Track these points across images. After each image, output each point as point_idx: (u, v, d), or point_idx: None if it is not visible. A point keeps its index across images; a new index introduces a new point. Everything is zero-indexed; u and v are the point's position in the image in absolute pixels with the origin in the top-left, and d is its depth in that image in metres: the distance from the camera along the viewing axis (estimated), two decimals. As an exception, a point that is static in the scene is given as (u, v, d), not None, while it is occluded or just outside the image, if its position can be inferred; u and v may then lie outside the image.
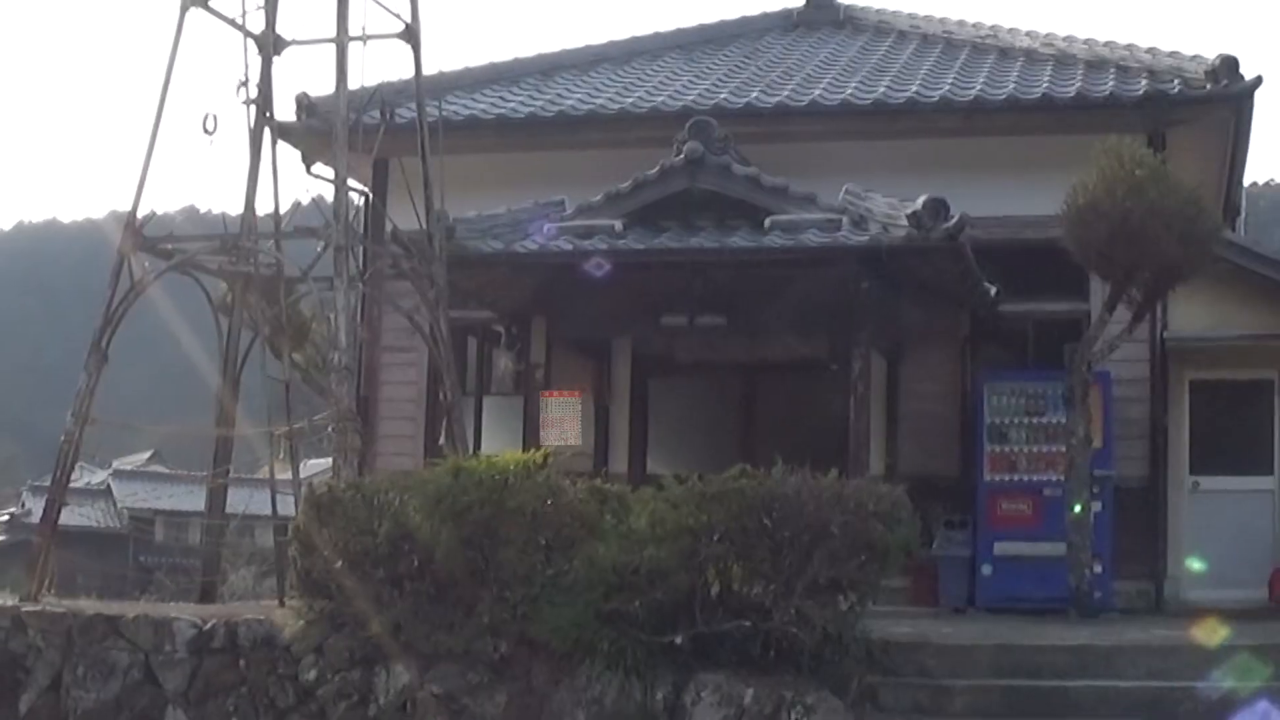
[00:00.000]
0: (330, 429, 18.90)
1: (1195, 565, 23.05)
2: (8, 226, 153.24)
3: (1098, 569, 20.88)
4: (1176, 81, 23.86)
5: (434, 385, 23.32)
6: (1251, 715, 14.29)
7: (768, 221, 20.47)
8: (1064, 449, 21.12)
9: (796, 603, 14.56)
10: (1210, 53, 23.86)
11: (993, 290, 21.77)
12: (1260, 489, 23.78)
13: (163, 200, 20.45)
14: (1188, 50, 24.69)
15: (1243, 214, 31.78)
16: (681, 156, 21.22)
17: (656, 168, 21.43)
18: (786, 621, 14.56)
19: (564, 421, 23.04)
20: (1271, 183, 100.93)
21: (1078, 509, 20.26)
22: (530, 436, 21.43)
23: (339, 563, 15.71)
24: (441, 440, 21.86)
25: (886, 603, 17.08)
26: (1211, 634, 17.15)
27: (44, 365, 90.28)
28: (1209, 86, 23.37)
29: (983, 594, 22.09)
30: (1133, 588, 22.36)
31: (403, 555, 15.44)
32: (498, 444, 22.24)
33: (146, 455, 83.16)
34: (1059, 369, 21.62)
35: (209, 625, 16.57)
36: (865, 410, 20.69)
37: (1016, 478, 22.62)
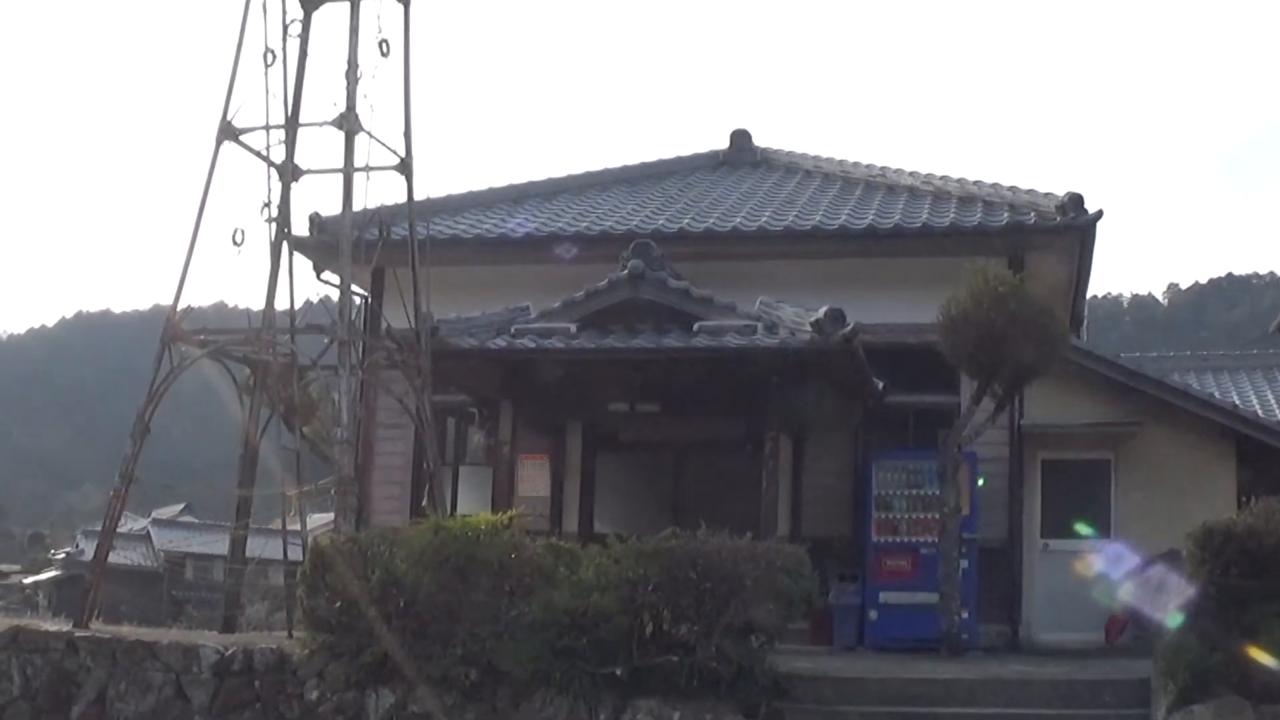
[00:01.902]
0: (333, 491, 18.93)
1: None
2: (69, 314, 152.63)
3: (965, 615, 20.90)
4: (1033, 214, 24.05)
5: (419, 456, 23.22)
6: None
7: (696, 326, 20.54)
8: (938, 516, 21.16)
9: (716, 641, 14.71)
10: (1060, 189, 24.15)
11: (880, 385, 21.86)
12: (1099, 550, 23.86)
13: (198, 295, 20.60)
14: (1042, 187, 24.89)
15: (1085, 322, 31.93)
16: (626, 272, 21.33)
17: (605, 280, 21.52)
18: (708, 657, 14.68)
19: (535, 478, 23.39)
20: (1109, 295, 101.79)
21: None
22: (499, 500, 21.30)
23: (338, 603, 15.72)
24: (425, 502, 21.79)
25: (790, 642, 17.13)
26: (1057, 670, 17.20)
27: (97, 432, 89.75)
28: (1059, 219, 23.59)
29: (870, 635, 22.04)
30: (994, 630, 22.31)
31: (391, 597, 15.43)
32: (471, 506, 22.14)
33: (180, 507, 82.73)
34: (934, 449, 21.75)
35: (230, 651, 16.73)
36: (775, 483, 20.72)
37: (899, 539, 22.57)
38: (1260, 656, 14.21)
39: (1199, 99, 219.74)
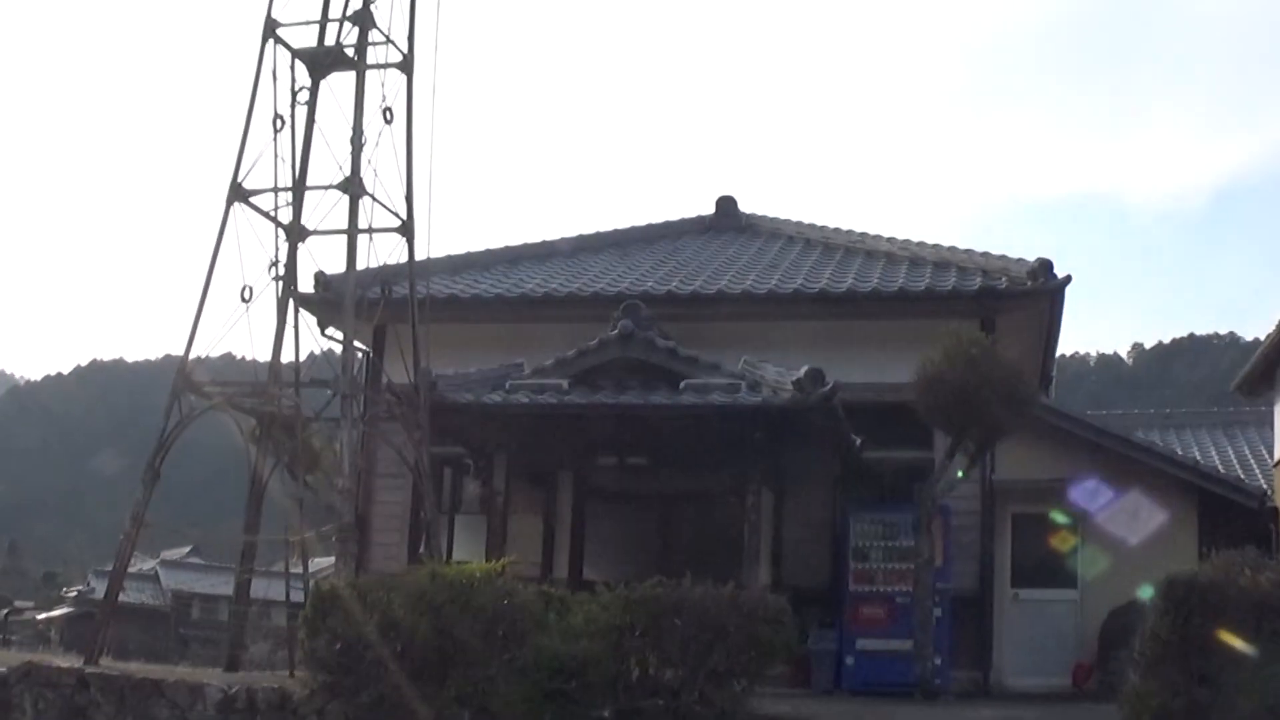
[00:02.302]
0: (334, 538, 18.90)
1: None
2: (84, 362, 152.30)
3: (938, 661, 20.85)
4: (1004, 279, 24.08)
5: (417, 505, 23.21)
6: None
7: (683, 384, 20.58)
8: (913, 567, 21.15)
9: (700, 686, 14.69)
10: (1031, 255, 24.18)
11: (858, 441, 21.83)
12: (1066, 599, 24.00)
13: (207, 346, 20.55)
14: (1014, 253, 24.95)
15: (1054, 380, 31.97)
16: (616, 331, 21.39)
17: (596, 340, 21.55)
18: (692, 701, 14.66)
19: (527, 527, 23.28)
20: (1076, 354, 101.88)
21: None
22: (493, 548, 21.27)
23: (338, 644, 15.63)
24: (422, 549, 21.81)
25: (770, 686, 16.98)
26: (1027, 714, 17.17)
27: (109, 476, 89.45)
28: (1029, 283, 23.61)
29: (847, 680, 21.98)
30: (966, 676, 22.26)
31: (388, 640, 15.34)
32: (466, 553, 22.08)
33: (187, 549, 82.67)
34: (909, 503, 21.69)
35: (233, 690, 16.66)
36: (756, 534, 20.69)
37: (875, 589, 22.57)
38: (1221, 703, 14.20)
39: (1158, 170, 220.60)
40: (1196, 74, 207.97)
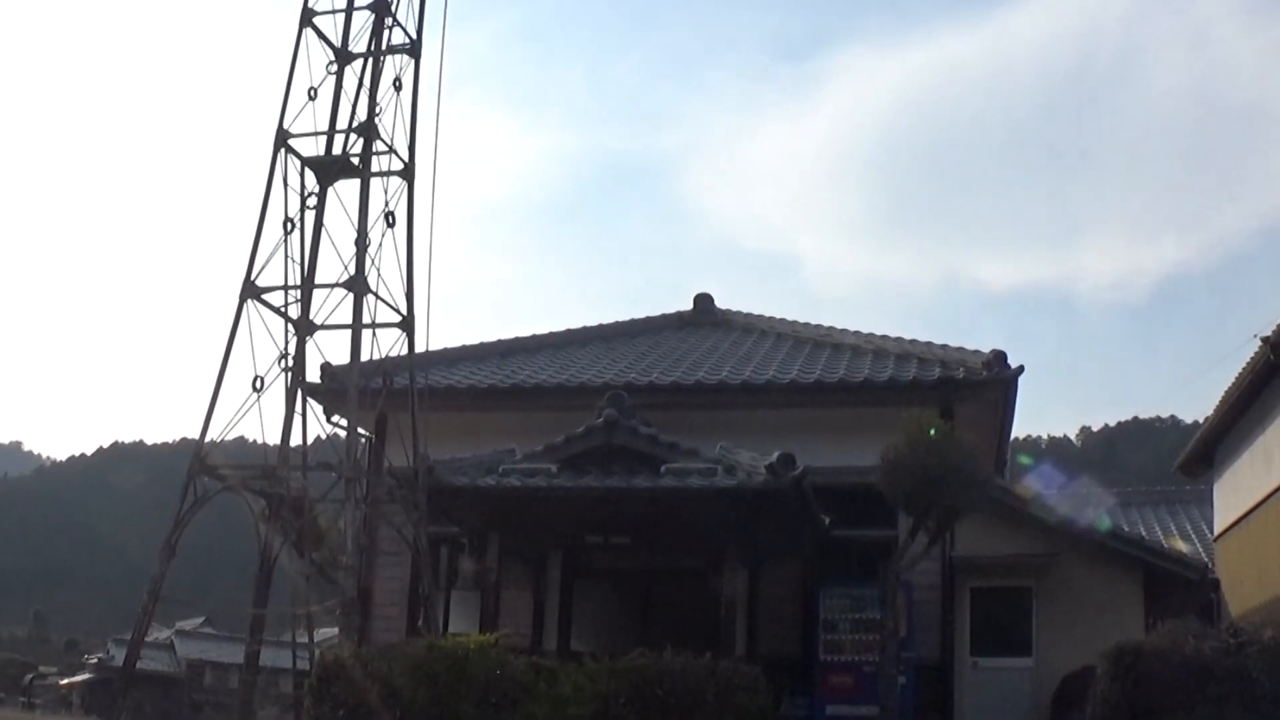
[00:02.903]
0: (338, 611, 18.86)
1: None
2: (106, 444, 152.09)
3: (903, 726, 20.78)
4: (961, 369, 24.11)
5: (415, 581, 23.08)
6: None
7: (663, 468, 20.49)
8: (879, 638, 21.05)
9: (681, 751, 14.56)
10: (986, 346, 24.35)
11: (827, 520, 21.78)
12: (1022, 666, 23.86)
13: (221, 431, 20.63)
14: (970, 344, 25.12)
15: (1008, 463, 32.00)
16: (601, 420, 21.31)
17: (583, 427, 21.44)
18: (674, 764, 14.54)
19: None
20: (1029, 437, 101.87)
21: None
22: (486, 622, 21.14)
23: (341, 710, 15.58)
24: (420, 623, 21.74)
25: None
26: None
27: (128, 550, 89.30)
28: (985, 373, 23.69)
29: (818, 744, 21.94)
30: (929, 740, 22.20)
31: (389, 707, 15.34)
32: (462, 627, 21.96)
33: (201, 620, 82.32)
34: (875, 578, 21.61)
35: (244, 752, 16.52)
36: (733, 607, 20.59)
37: (844, 658, 22.51)
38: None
39: (1103, 266, 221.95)
40: (1137, 180, 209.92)
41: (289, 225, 20.94)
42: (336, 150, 21.21)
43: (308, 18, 21.55)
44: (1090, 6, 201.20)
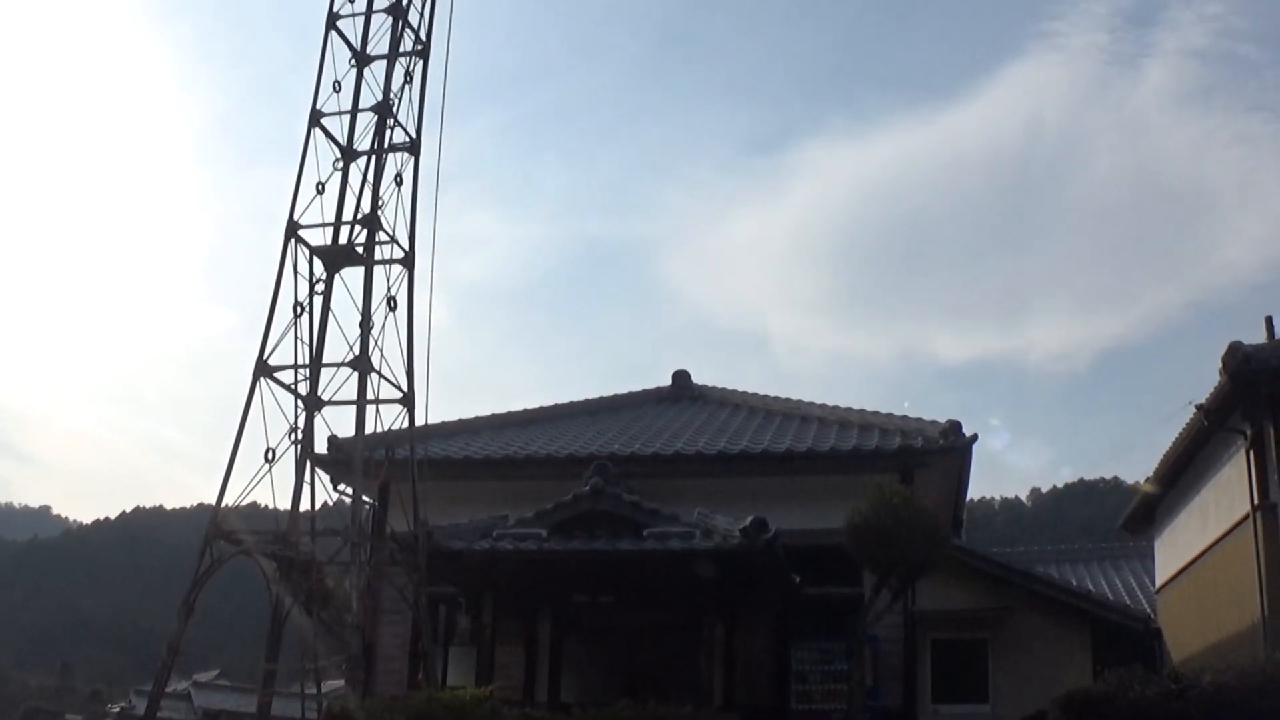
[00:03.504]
0: (344, 665, 18.78)
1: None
2: (129, 509, 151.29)
3: (870, 769, 20.69)
4: (920, 438, 24.15)
5: (416, 638, 22.94)
6: None
7: (645, 532, 20.49)
8: (846, 688, 20.98)
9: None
10: (942, 416, 24.43)
11: (797, 579, 21.82)
12: (980, 714, 23.89)
13: (235, 498, 20.68)
14: (928, 414, 25.24)
15: (964, 523, 31.98)
16: (588, 488, 21.35)
17: (571, 495, 21.49)
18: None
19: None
20: (983, 498, 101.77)
21: None
22: (482, 676, 21.03)
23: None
24: (420, 676, 21.60)
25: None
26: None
27: (149, 608, 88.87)
28: (941, 442, 23.74)
29: (790, 785, 21.84)
30: (894, 782, 22.09)
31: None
32: (459, 680, 21.85)
33: (216, 672, 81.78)
34: (843, 632, 21.55)
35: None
36: (711, 660, 20.57)
37: (814, 707, 22.50)
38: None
39: (1049, 339, 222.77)
40: (1079, 258, 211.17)
41: (299, 309, 20.97)
42: (342, 240, 21.28)
43: (316, 119, 21.69)
44: (1032, 102, 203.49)
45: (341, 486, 22.93)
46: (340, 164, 21.71)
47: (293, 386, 20.92)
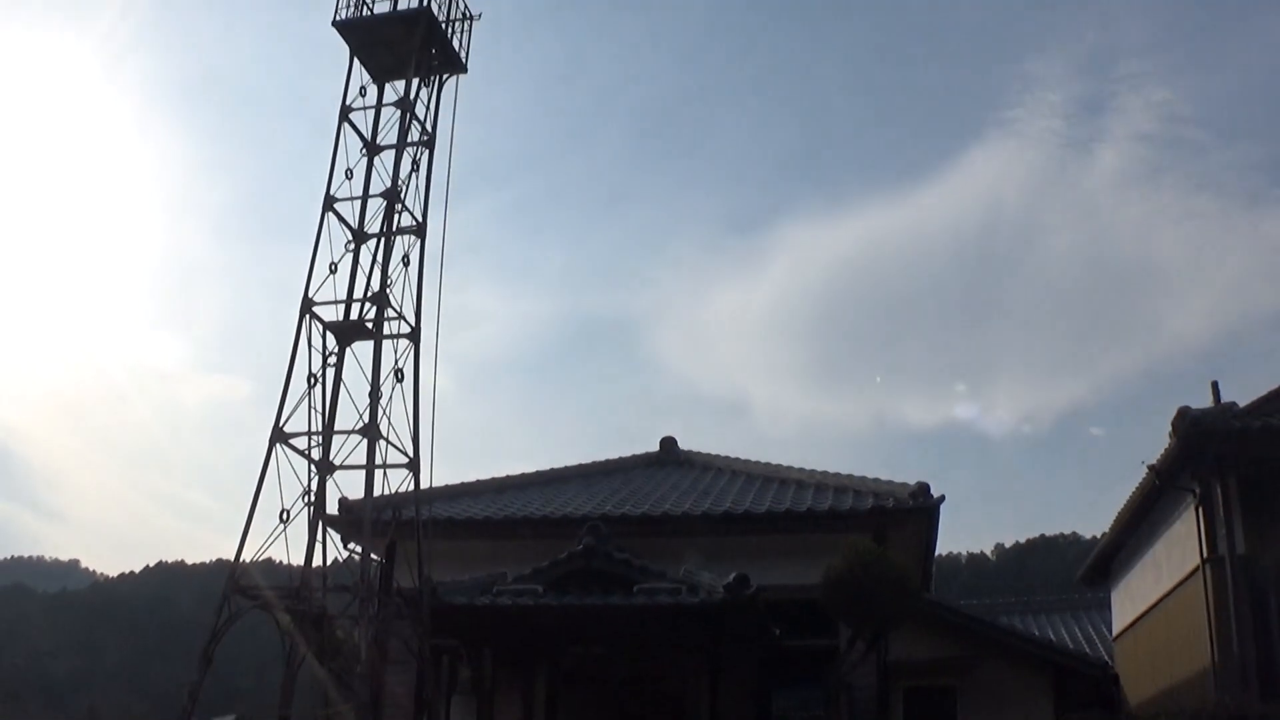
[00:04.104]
0: (354, 713, 18.63)
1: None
2: (153, 563, 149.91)
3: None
4: (891, 499, 24.12)
5: (421, 687, 22.74)
6: None
7: (635, 588, 20.41)
8: (824, 735, 20.89)
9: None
10: (912, 477, 24.39)
11: (777, 631, 21.67)
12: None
13: (252, 555, 20.60)
14: (899, 476, 25.19)
15: (933, 577, 31.89)
16: (581, 547, 21.29)
17: (565, 553, 21.43)
18: None
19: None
20: (950, 553, 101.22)
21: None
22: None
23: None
24: (425, 723, 21.48)
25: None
26: None
27: (172, 657, 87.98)
28: (911, 503, 23.72)
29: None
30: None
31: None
32: (461, 727, 21.76)
33: (233, 717, 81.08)
34: (820, 681, 21.49)
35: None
36: (696, 708, 20.46)
37: (796, 750, 22.30)
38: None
39: (1012, 402, 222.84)
40: (1038, 329, 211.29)
41: (312, 380, 20.93)
42: (354, 316, 21.28)
43: (330, 204, 21.77)
44: (993, 184, 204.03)
45: (351, 545, 22.81)
46: (352, 246, 21.78)
47: (306, 452, 20.85)
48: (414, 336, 21.27)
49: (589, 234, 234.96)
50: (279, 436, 20.66)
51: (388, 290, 21.18)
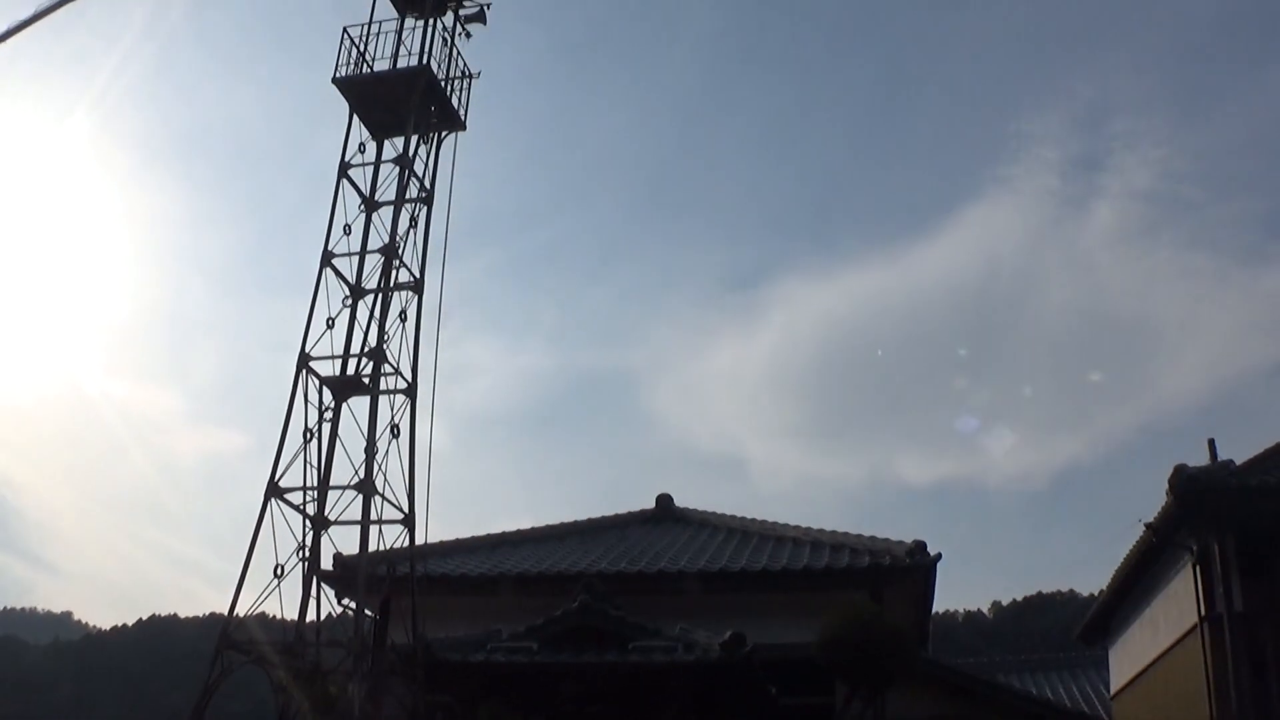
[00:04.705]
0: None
1: None
2: (145, 616, 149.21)
3: None
4: (887, 557, 24.01)
5: (415, 742, 22.66)
6: None
7: (630, 646, 20.30)
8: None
9: None
10: (908, 536, 24.42)
11: (773, 689, 21.52)
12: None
13: (246, 609, 20.56)
14: (895, 534, 25.08)
15: (930, 635, 31.75)
16: (577, 604, 21.19)
17: (560, 610, 21.29)
18: None
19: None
20: (947, 611, 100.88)
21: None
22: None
23: None
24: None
25: None
26: None
27: (164, 711, 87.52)
28: (908, 560, 23.62)
29: None
30: None
31: None
32: (455, 783, 21.57)
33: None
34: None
35: None
36: (692, 767, 20.29)
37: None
38: None
39: (1008, 460, 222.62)
40: (1036, 385, 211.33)
41: (308, 435, 20.94)
42: (350, 372, 21.30)
43: (327, 259, 21.83)
44: (990, 240, 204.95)
45: (346, 600, 22.73)
46: (349, 301, 21.82)
47: (302, 507, 20.82)
48: (410, 392, 21.28)
49: (586, 289, 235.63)
50: (274, 491, 20.62)
51: (384, 346, 21.23)
